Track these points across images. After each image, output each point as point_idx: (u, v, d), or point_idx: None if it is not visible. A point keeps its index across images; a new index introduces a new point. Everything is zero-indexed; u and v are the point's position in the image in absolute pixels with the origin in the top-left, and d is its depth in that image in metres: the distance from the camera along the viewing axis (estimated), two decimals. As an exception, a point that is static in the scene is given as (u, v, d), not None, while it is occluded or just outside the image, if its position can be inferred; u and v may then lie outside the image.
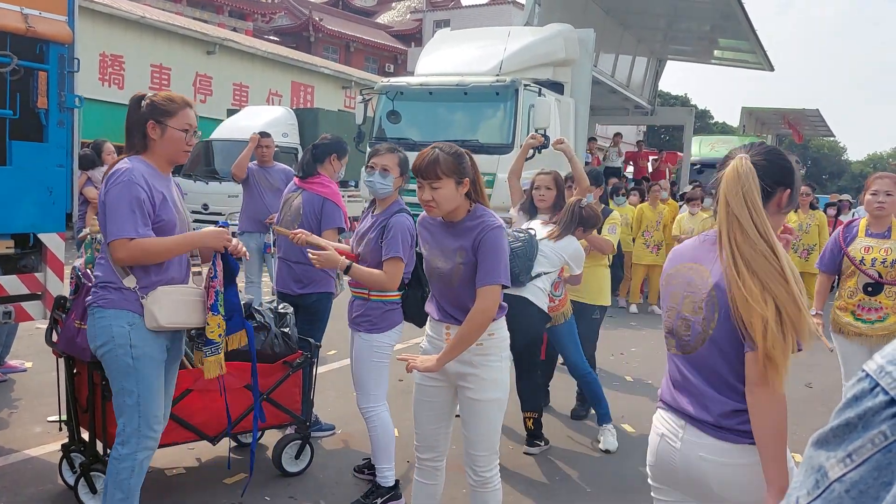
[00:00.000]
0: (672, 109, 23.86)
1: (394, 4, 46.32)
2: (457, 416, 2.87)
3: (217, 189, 12.37)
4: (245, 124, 12.62)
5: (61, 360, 3.49)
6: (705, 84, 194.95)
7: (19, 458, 3.87)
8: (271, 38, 33.35)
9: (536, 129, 8.04)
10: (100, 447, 3.33)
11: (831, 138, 44.03)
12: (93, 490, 3.28)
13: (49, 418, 4.36)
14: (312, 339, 3.86)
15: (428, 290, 3.00)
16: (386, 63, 40.16)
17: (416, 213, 3.13)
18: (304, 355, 3.77)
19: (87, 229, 3.45)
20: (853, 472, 0.59)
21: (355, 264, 3.07)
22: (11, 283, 3.91)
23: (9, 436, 4.16)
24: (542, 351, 4.62)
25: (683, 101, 39.60)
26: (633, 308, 9.51)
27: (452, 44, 10.52)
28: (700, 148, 18.56)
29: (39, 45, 3.83)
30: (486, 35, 10.54)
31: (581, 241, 4.40)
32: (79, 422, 3.49)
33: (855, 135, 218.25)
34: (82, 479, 3.29)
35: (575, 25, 10.30)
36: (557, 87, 10.08)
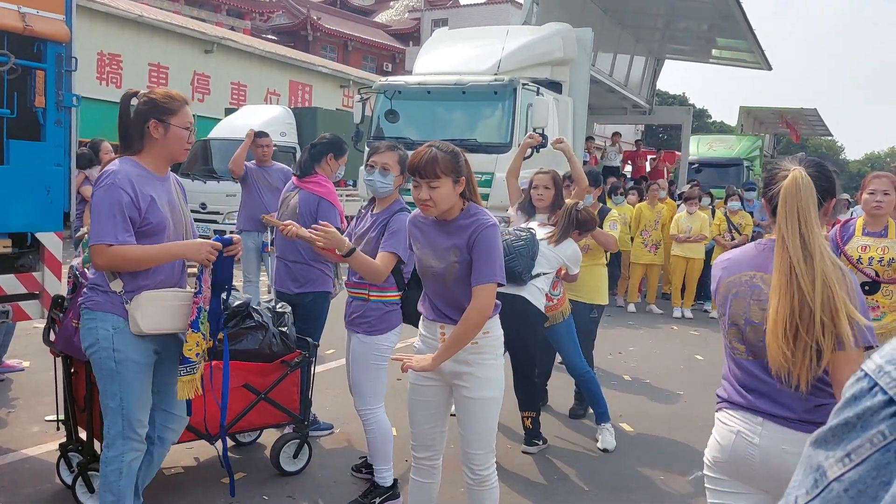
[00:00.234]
0: (670, 109, 23.87)
1: (392, 3, 46.28)
2: (452, 415, 2.87)
3: (215, 188, 12.35)
4: (243, 123, 12.58)
5: (59, 360, 3.48)
6: (703, 83, 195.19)
7: (17, 458, 3.86)
8: (269, 36, 33.32)
9: (534, 129, 8.04)
10: (97, 447, 3.32)
11: (829, 138, 44.10)
12: (90, 489, 3.28)
13: (47, 418, 4.35)
14: (310, 339, 3.86)
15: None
16: (384, 62, 40.13)
17: None
18: (303, 354, 3.77)
19: (85, 228, 3.44)
20: (852, 471, 0.59)
21: (358, 251, 3.02)
22: (9, 283, 3.91)
23: (6, 435, 4.15)
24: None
25: (681, 101, 39.61)
26: (632, 307, 9.52)
27: (450, 43, 10.52)
28: (698, 147, 18.56)
29: (37, 44, 3.82)
30: (484, 34, 10.54)
31: (584, 239, 4.41)
32: (76, 421, 3.49)
33: (853, 134, 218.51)
34: (80, 479, 3.30)
35: (573, 24, 10.30)
36: (555, 86, 10.08)
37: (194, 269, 2.84)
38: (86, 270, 3.29)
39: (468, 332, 2.58)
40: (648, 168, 16.27)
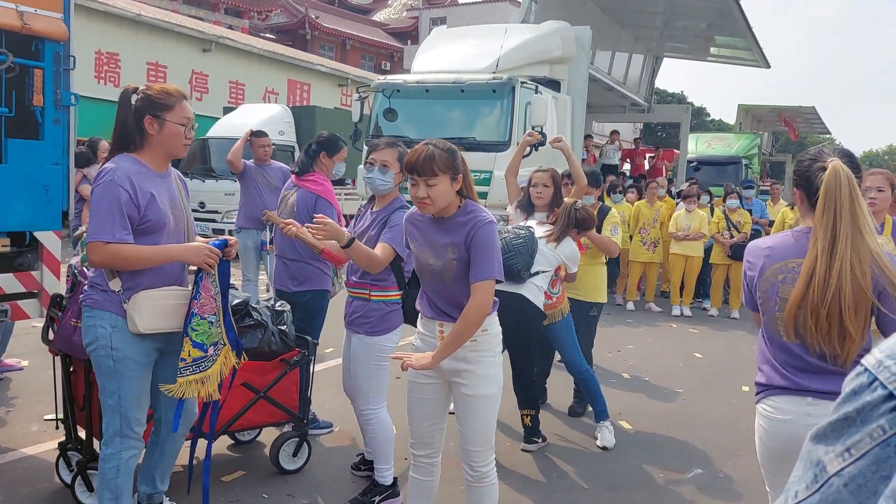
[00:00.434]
0: (669, 107, 23.89)
1: (390, 2, 46.22)
2: (451, 412, 2.87)
3: (213, 187, 12.34)
4: (241, 122, 12.56)
5: (58, 359, 3.48)
6: (702, 81, 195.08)
7: (16, 457, 3.86)
8: (267, 35, 33.28)
9: (533, 127, 8.03)
10: (97, 445, 3.32)
11: (827, 136, 44.08)
12: (90, 488, 3.28)
13: (45, 417, 4.35)
14: (309, 337, 3.86)
15: None
16: (382, 61, 40.10)
17: None
18: (302, 353, 3.77)
19: (83, 227, 3.43)
20: (852, 466, 0.59)
21: (357, 241, 3.02)
22: (8, 282, 3.90)
23: (5, 434, 4.15)
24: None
25: (680, 99, 39.60)
26: (630, 305, 9.52)
27: (449, 41, 10.50)
28: (697, 145, 18.56)
29: (35, 43, 3.82)
30: (483, 32, 10.52)
31: (584, 239, 4.41)
32: (75, 420, 3.48)
33: (851, 133, 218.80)
34: (79, 478, 3.29)
35: (572, 23, 10.29)
36: (554, 84, 10.07)
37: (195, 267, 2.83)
38: (84, 269, 3.28)
39: (467, 329, 2.58)
40: (647, 166, 16.26)
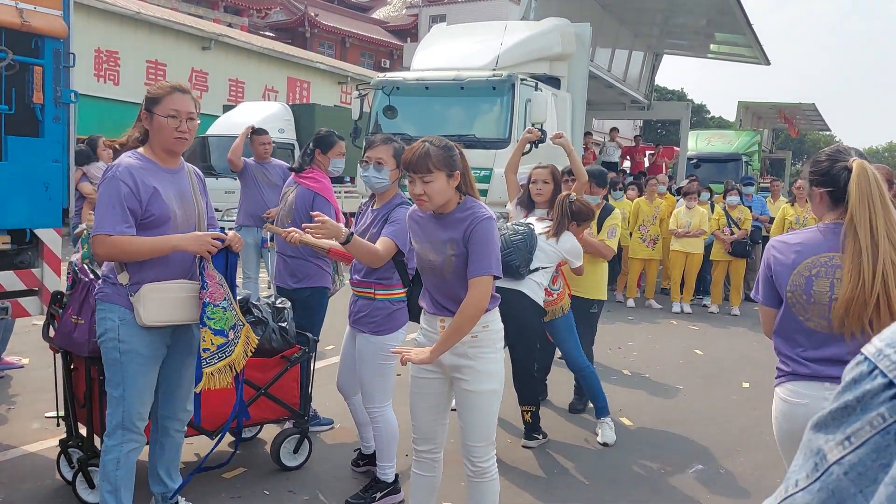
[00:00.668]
0: (669, 104, 23.83)
1: (389, 0, 46.19)
2: (453, 409, 2.88)
3: (213, 185, 12.26)
4: (241, 120, 12.55)
5: (58, 356, 3.48)
6: (702, 78, 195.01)
7: (17, 454, 3.87)
8: (267, 33, 33.26)
9: (533, 124, 8.03)
10: (97, 442, 3.33)
11: (827, 132, 44.05)
12: (91, 485, 3.28)
13: (47, 414, 4.35)
14: (310, 334, 3.86)
15: None
16: (382, 58, 40.07)
17: None
18: (302, 350, 3.77)
19: (84, 225, 3.44)
20: (852, 454, 0.59)
21: (356, 236, 3.02)
22: (8, 279, 3.90)
23: (6, 432, 4.16)
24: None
25: (680, 96, 39.58)
26: (631, 302, 9.52)
27: (448, 38, 10.49)
28: (697, 142, 18.54)
29: (35, 40, 3.81)
30: (482, 30, 10.50)
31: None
32: (76, 417, 3.49)
33: (851, 129, 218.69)
34: (80, 475, 3.30)
35: (571, 20, 10.27)
36: (554, 81, 10.05)
37: None
38: (84, 266, 3.29)
39: (464, 324, 2.59)
40: (647, 164, 16.25)
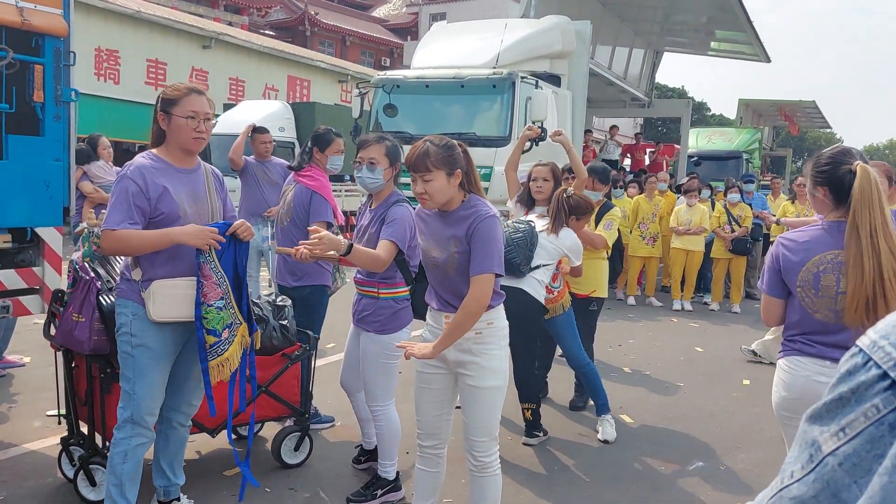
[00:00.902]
0: (669, 101, 23.81)
1: (390, -2, 46.11)
2: (457, 407, 2.89)
3: (214, 184, 12.32)
4: (241, 119, 12.52)
5: (59, 354, 3.49)
6: (702, 76, 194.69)
7: (19, 452, 3.88)
8: (267, 32, 33.23)
9: (533, 122, 8.03)
10: (98, 440, 3.34)
11: (828, 130, 44.02)
12: (92, 483, 3.29)
13: (48, 412, 4.36)
14: (310, 332, 3.86)
15: None
16: (382, 57, 40.04)
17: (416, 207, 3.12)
18: (303, 347, 3.78)
19: (84, 224, 3.44)
20: (846, 445, 0.59)
21: (356, 245, 3.01)
22: (9, 278, 3.91)
23: (8, 430, 4.17)
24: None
25: (680, 94, 39.51)
26: (631, 300, 9.52)
27: (449, 36, 10.48)
28: (697, 140, 18.54)
29: (35, 39, 3.82)
30: (483, 28, 10.50)
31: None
32: (78, 415, 3.49)
33: (852, 127, 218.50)
34: (81, 472, 3.31)
35: (571, 17, 10.27)
36: (554, 79, 10.05)
37: None
38: (85, 265, 3.29)
39: (466, 320, 2.61)
40: (647, 161, 16.25)
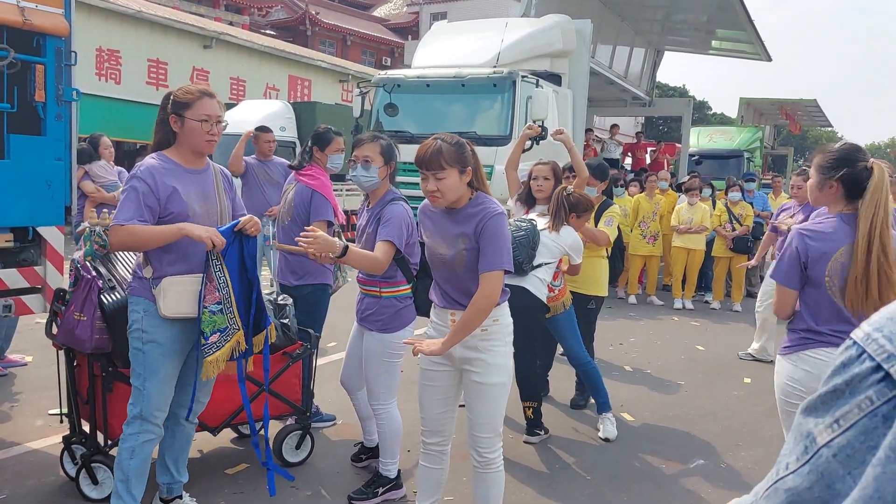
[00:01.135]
0: (670, 100, 23.80)
1: (390, -3, 46.11)
2: (461, 405, 2.89)
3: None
4: (242, 118, 12.56)
5: (61, 353, 3.50)
6: (703, 75, 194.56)
7: (21, 451, 3.89)
8: (268, 31, 33.24)
9: (534, 121, 8.03)
10: (101, 439, 3.35)
11: (829, 129, 43.99)
12: (94, 481, 3.30)
13: (50, 411, 4.38)
14: (312, 330, 3.87)
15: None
16: (383, 56, 40.05)
17: (415, 206, 3.12)
18: (304, 346, 3.79)
19: (86, 223, 3.45)
20: (840, 436, 0.60)
21: (351, 247, 3.01)
22: (11, 277, 3.92)
23: (10, 429, 4.18)
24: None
25: (681, 92, 39.52)
26: (632, 299, 9.52)
27: (449, 36, 10.49)
28: (698, 139, 18.54)
29: (36, 39, 3.82)
30: (483, 27, 10.51)
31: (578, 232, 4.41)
32: (79, 414, 3.51)
33: (853, 125, 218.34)
34: (83, 471, 3.32)
35: (572, 16, 10.27)
36: (555, 78, 10.06)
37: None
38: (87, 264, 3.30)
39: (475, 317, 2.62)
40: (648, 160, 16.25)
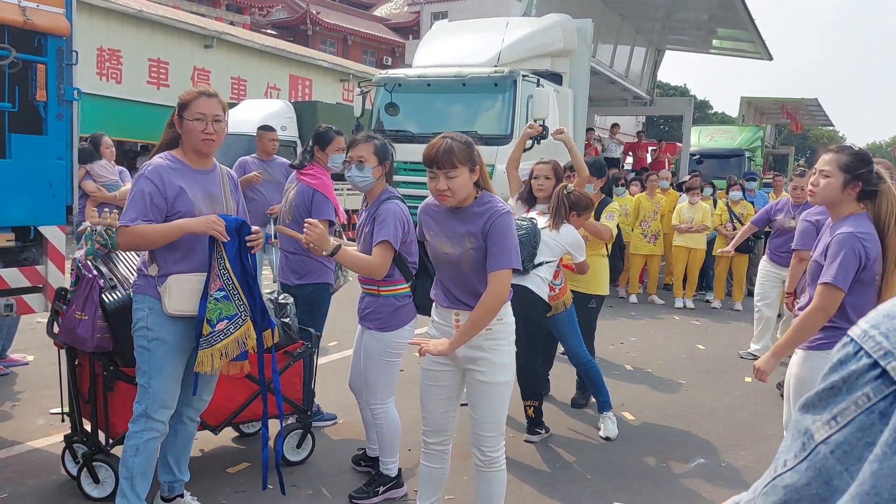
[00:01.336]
0: (671, 100, 23.81)
1: (391, -3, 46.09)
2: (463, 404, 2.89)
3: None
4: (244, 118, 12.57)
5: (63, 352, 3.51)
6: (704, 74, 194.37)
7: (23, 450, 3.89)
8: (269, 31, 33.24)
9: (535, 120, 8.03)
10: (102, 437, 3.35)
11: (830, 128, 43.93)
12: (95, 480, 3.31)
13: (51, 410, 4.38)
14: (313, 330, 3.88)
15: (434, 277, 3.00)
16: (384, 56, 40.04)
17: (413, 206, 3.12)
18: (305, 345, 3.79)
19: (87, 222, 3.45)
20: (838, 433, 0.60)
21: (344, 247, 3.04)
22: (12, 276, 3.92)
23: (12, 428, 4.19)
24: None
25: (682, 92, 39.50)
26: (633, 298, 9.52)
27: (450, 35, 10.49)
28: (699, 138, 18.53)
29: (37, 38, 3.83)
30: (484, 26, 10.51)
31: (580, 230, 4.41)
32: (81, 413, 3.51)
33: (854, 124, 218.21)
34: (85, 470, 3.33)
35: (573, 15, 10.27)
36: (556, 77, 10.06)
37: None
38: (88, 263, 3.31)
39: (484, 317, 2.62)
40: (649, 159, 16.25)
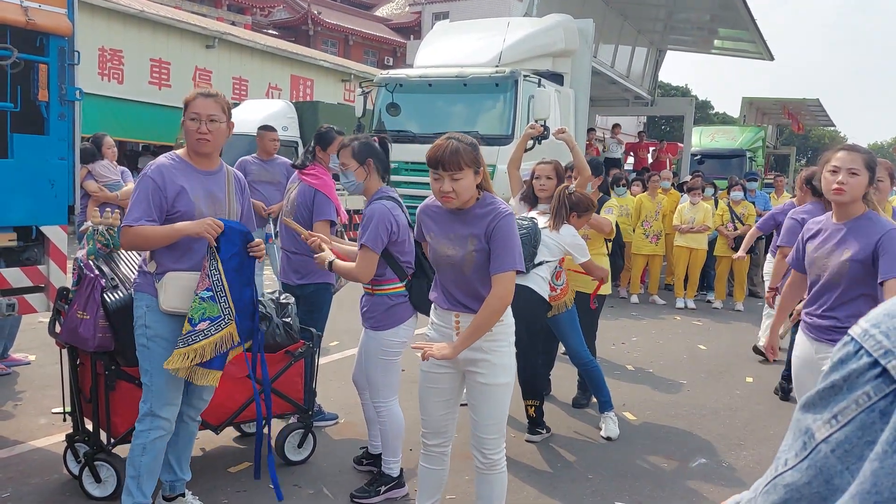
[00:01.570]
0: (672, 100, 23.77)
1: (393, -3, 46.09)
2: (463, 404, 2.89)
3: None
4: (245, 118, 12.53)
5: (64, 352, 3.51)
6: (706, 75, 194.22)
7: (25, 449, 3.90)
8: (270, 31, 33.26)
9: (536, 120, 8.03)
10: (103, 437, 3.36)
11: (831, 128, 43.89)
12: (97, 479, 3.31)
13: (53, 410, 4.39)
14: (314, 329, 3.88)
15: (432, 277, 3.00)
16: (385, 56, 40.05)
17: (414, 207, 3.13)
18: (306, 345, 3.79)
19: (89, 222, 3.46)
20: (839, 432, 0.60)
21: (336, 260, 3.09)
22: (14, 276, 3.93)
23: (13, 427, 4.19)
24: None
25: (684, 92, 39.41)
26: (635, 298, 9.51)
27: (451, 35, 10.49)
28: (701, 138, 18.51)
29: (39, 38, 3.84)
30: (485, 26, 10.51)
31: (580, 230, 4.41)
32: (82, 412, 3.51)
33: (856, 125, 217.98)
34: (86, 469, 3.33)
35: (574, 16, 10.27)
36: (557, 77, 10.05)
37: None
38: (90, 262, 3.31)
39: (489, 319, 2.61)
40: (651, 160, 16.24)
